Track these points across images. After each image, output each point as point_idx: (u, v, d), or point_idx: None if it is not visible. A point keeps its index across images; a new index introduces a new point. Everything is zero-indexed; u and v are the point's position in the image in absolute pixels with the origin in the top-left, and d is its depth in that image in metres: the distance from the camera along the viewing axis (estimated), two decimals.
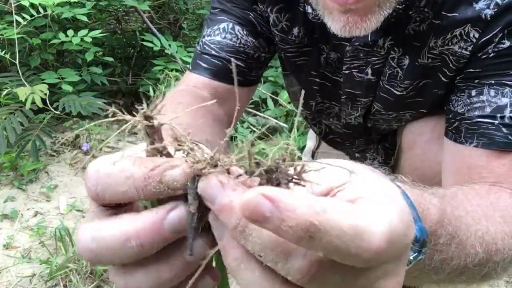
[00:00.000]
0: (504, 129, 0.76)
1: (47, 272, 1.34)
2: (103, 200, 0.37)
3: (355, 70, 0.92)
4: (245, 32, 0.94)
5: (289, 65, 1.02)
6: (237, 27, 0.94)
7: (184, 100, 0.88)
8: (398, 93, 0.90)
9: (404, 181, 0.51)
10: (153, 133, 0.36)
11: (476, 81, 0.78)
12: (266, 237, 0.31)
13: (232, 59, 0.93)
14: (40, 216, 1.62)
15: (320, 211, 0.30)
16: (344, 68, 0.93)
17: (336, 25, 0.72)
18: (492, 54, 0.76)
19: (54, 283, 1.33)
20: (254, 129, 2.23)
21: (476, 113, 0.78)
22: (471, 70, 0.79)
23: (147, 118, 0.36)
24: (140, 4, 2.33)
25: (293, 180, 0.33)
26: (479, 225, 0.60)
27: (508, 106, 0.76)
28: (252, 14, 0.94)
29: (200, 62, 0.95)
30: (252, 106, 2.38)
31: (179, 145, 0.35)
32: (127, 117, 0.36)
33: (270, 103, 2.36)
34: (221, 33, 0.94)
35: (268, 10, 0.93)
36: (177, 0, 2.75)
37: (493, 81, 0.77)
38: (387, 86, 0.91)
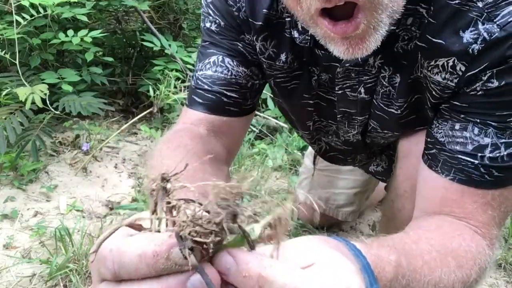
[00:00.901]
0: (482, 169, 0.77)
1: (47, 272, 1.34)
2: (119, 277, 0.40)
3: (348, 90, 0.92)
4: (235, 63, 0.95)
5: (279, 91, 1.02)
6: (227, 59, 0.94)
7: (182, 142, 0.90)
8: (394, 111, 0.90)
9: (364, 242, 0.60)
10: (164, 194, 0.40)
11: (462, 116, 0.78)
12: None
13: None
14: (40, 216, 1.62)
15: (268, 266, 0.39)
16: (336, 89, 0.93)
17: (339, 48, 0.74)
18: (480, 92, 0.75)
19: (54, 283, 1.33)
20: (254, 129, 2.23)
21: (458, 148, 0.78)
22: (458, 103, 0.79)
23: (164, 179, 0.40)
24: (140, 4, 2.33)
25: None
26: (434, 274, 0.67)
27: (489, 146, 0.76)
28: (240, 45, 0.95)
29: (195, 98, 0.96)
30: None
31: (168, 203, 0.40)
32: (143, 173, 0.41)
33: (270, 103, 2.36)
34: (212, 67, 0.95)
35: (254, 38, 0.93)
36: (177, 0, 2.75)
37: (478, 120, 0.76)
38: (382, 105, 0.91)
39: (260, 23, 0.91)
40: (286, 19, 0.89)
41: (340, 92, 0.93)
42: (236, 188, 0.39)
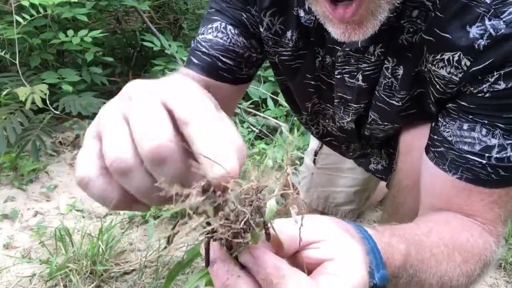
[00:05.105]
0: (489, 168, 0.78)
1: (47, 272, 1.34)
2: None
3: (347, 75, 0.92)
4: (236, 32, 0.97)
5: (284, 69, 1.03)
6: (229, 27, 0.97)
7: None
8: (395, 103, 0.90)
9: (376, 229, 0.61)
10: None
11: (470, 117, 0.79)
12: None
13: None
14: (40, 216, 1.62)
15: (281, 275, 0.43)
16: (336, 73, 0.94)
17: (336, 31, 0.76)
18: (487, 94, 0.75)
19: (54, 283, 1.33)
20: (254, 129, 2.23)
21: (466, 148, 0.79)
22: (466, 104, 0.79)
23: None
24: (140, 4, 2.33)
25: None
26: (440, 267, 0.69)
27: (496, 147, 0.77)
28: (245, 15, 0.97)
29: (192, 58, 0.99)
30: (252, 106, 2.38)
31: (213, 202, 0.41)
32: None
33: (270, 103, 2.36)
34: (213, 32, 0.98)
35: (261, 15, 0.95)
36: (177, 0, 2.75)
37: (486, 121, 0.77)
38: (383, 96, 0.91)
39: None
40: None
41: (339, 76, 0.94)
42: (256, 184, 0.41)
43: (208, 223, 0.40)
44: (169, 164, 0.42)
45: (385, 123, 0.97)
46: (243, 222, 0.39)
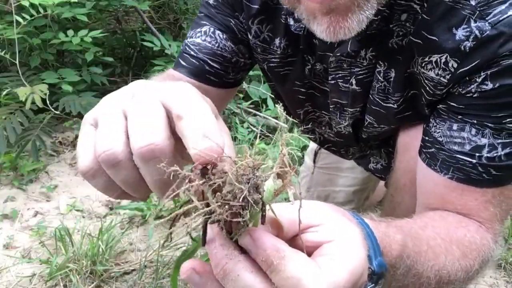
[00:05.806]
0: (479, 168, 0.78)
1: (47, 272, 1.34)
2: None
3: (340, 80, 0.93)
4: (224, 37, 0.99)
5: (273, 76, 1.04)
6: (217, 32, 0.99)
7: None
8: (391, 105, 0.90)
9: (373, 219, 0.61)
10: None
11: (459, 117, 0.79)
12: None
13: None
14: (40, 216, 1.62)
15: (281, 256, 0.43)
16: (329, 78, 0.94)
17: (321, 27, 0.72)
18: (475, 94, 0.76)
19: (54, 283, 1.33)
20: (254, 129, 2.23)
21: (456, 148, 0.79)
22: (455, 104, 0.79)
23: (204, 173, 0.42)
24: (140, 4, 2.33)
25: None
26: (437, 260, 0.69)
27: (486, 146, 0.77)
28: (233, 21, 0.98)
29: (181, 61, 1.01)
30: (252, 106, 2.38)
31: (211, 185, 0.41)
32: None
33: (270, 103, 2.36)
34: (202, 36, 1.00)
35: (249, 22, 0.96)
36: (177, 0, 2.75)
37: (475, 121, 0.77)
38: (378, 100, 0.92)
39: (257, 6, 0.93)
40: (284, 5, 0.91)
41: (332, 82, 0.94)
42: (252, 162, 0.42)
43: (208, 204, 0.40)
44: (159, 163, 0.45)
45: (382, 126, 0.97)
46: (241, 199, 0.39)
